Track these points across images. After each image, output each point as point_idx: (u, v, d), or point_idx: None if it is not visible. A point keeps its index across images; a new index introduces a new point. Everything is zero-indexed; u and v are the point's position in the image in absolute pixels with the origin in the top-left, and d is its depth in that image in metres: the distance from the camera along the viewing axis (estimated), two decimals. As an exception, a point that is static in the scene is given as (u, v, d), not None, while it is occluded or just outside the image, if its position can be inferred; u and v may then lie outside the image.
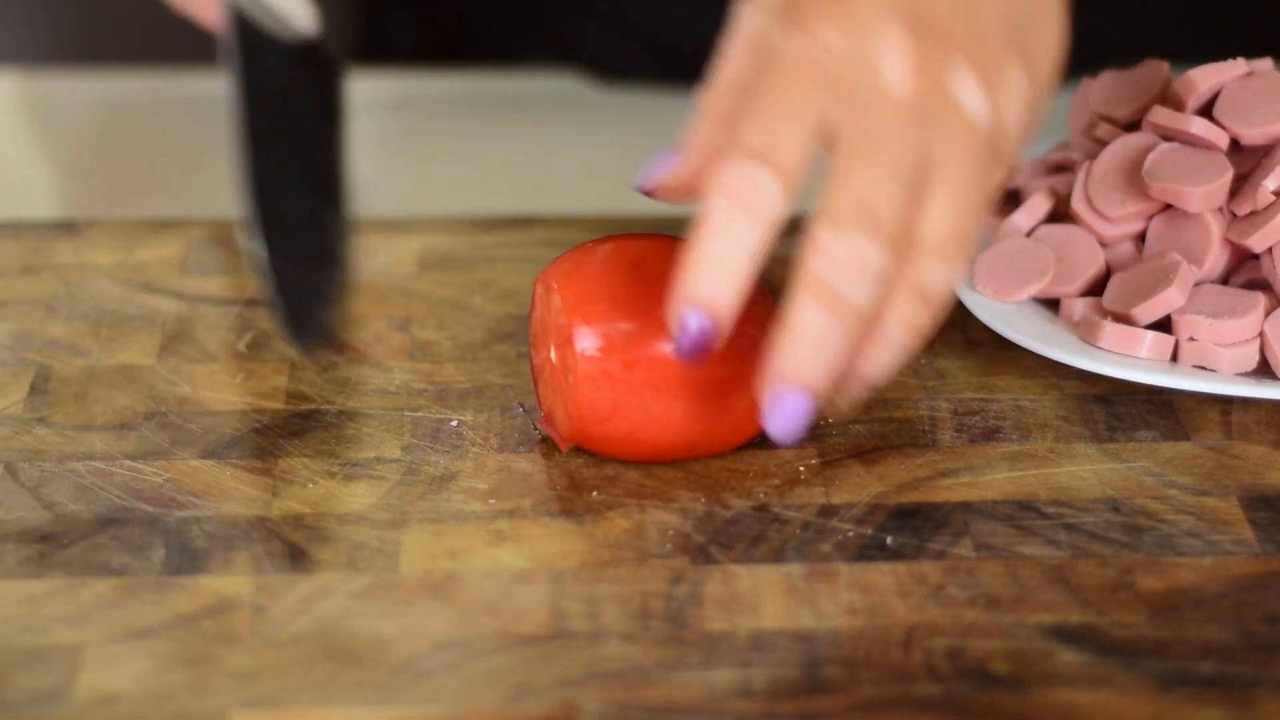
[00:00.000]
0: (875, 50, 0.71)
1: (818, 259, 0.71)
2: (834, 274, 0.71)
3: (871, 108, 0.71)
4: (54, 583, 0.74)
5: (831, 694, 0.70)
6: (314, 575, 0.75)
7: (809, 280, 0.71)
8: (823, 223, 0.71)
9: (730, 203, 0.71)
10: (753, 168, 0.71)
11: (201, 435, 0.82)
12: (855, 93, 0.71)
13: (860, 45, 0.71)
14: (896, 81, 0.71)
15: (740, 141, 0.71)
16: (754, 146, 0.71)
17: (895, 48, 0.71)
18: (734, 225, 0.71)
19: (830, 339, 0.72)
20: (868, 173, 0.71)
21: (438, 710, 0.69)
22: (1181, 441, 0.82)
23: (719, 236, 0.71)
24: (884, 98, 0.71)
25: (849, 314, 0.72)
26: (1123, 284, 0.85)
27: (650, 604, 0.74)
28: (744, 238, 0.71)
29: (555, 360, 0.80)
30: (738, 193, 0.71)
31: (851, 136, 0.71)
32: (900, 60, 0.71)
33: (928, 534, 0.77)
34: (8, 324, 0.90)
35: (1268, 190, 0.84)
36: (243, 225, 0.84)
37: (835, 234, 0.71)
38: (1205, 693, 0.70)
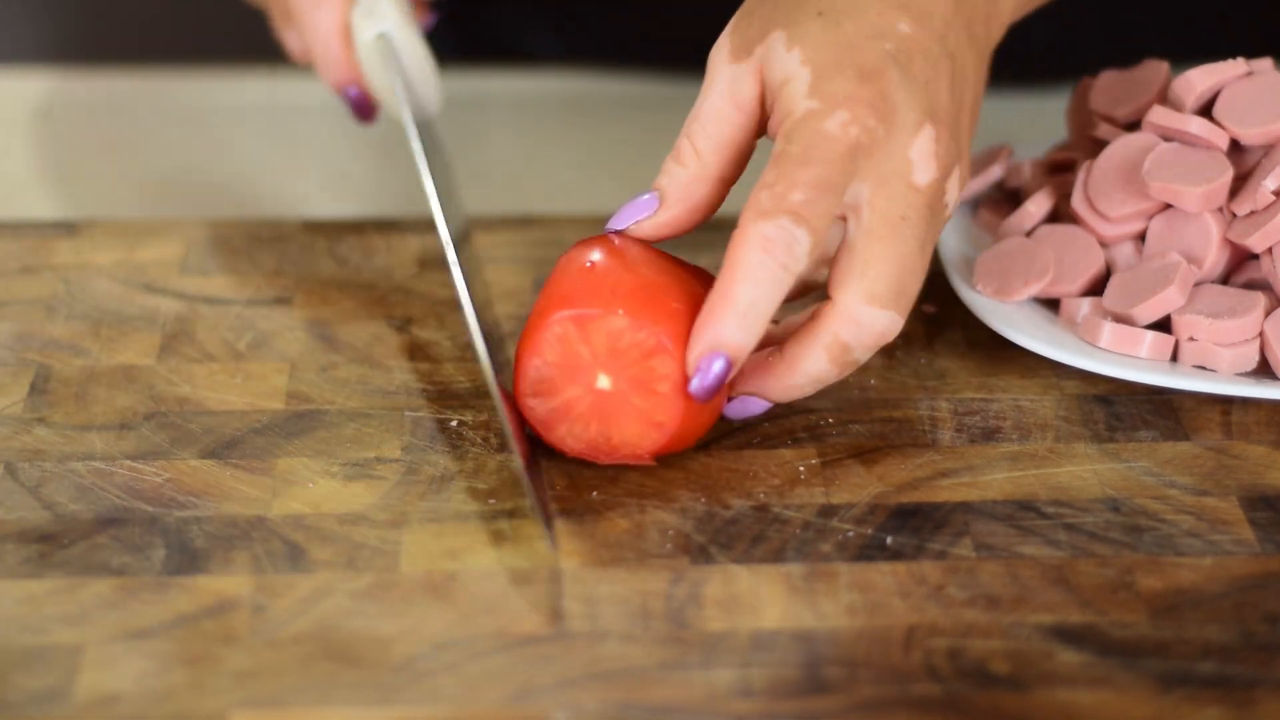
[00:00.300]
0: (909, 146, 0.78)
1: (845, 325, 0.78)
2: (857, 338, 0.78)
3: (901, 196, 0.78)
4: (54, 583, 0.74)
5: (831, 694, 0.70)
6: (314, 575, 0.75)
7: (830, 339, 0.78)
8: (859, 294, 0.77)
9: (769, 255, 0.76)
10: (793, 226, 0.76)
11: (201, 435, 0.82)
12: (888, 180, 0.77)
13: (898, 138, 0.77)
14: (923, 175, 0.78)
15: (784, 199, 0.76)
16: (796, 208, 0.76)
17: (925, 146, 0.78)
18: (768, 276, 0.76)
19: (824, 381, 0.80)
20: (904, 254, 0.78)
21: (438, 710, 0.69)
22: (1181, 441, 0.82)
23: (754, 284, 0.76)
24: (911, 189, 0.78)
25: (848, 367, 0.79)
26: (1123, 284, 0.85)
27: (650, 604, 0.74)
28: (774, 289, 0.76)
29: (610, 387, 0.79)
30: (777, 246, 0.76)
31: (881, 217, 0.77)
32: (928, 158, 0.78)
33: (928, 534, 0.77)
34: (8, 324, 0.90)
35: (1268, 190, 0.84)
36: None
37: (867, 309, 0.78)
38: (1205, 693, 0.70)
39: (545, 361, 0.78)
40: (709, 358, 0.76)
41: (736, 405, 0.81)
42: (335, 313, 0.91)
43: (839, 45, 0.78)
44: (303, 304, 0.92)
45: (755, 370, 0.80)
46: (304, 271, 0.95)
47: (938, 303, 0.91)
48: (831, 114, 0.77)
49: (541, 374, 0.78)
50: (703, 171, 0.79)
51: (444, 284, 0.93)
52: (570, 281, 0.79)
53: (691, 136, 0.80)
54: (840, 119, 0.77)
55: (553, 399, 0.79)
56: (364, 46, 0.92)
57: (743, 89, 0.79)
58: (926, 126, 0.78)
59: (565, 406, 0.79)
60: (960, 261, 0.90)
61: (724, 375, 0.77)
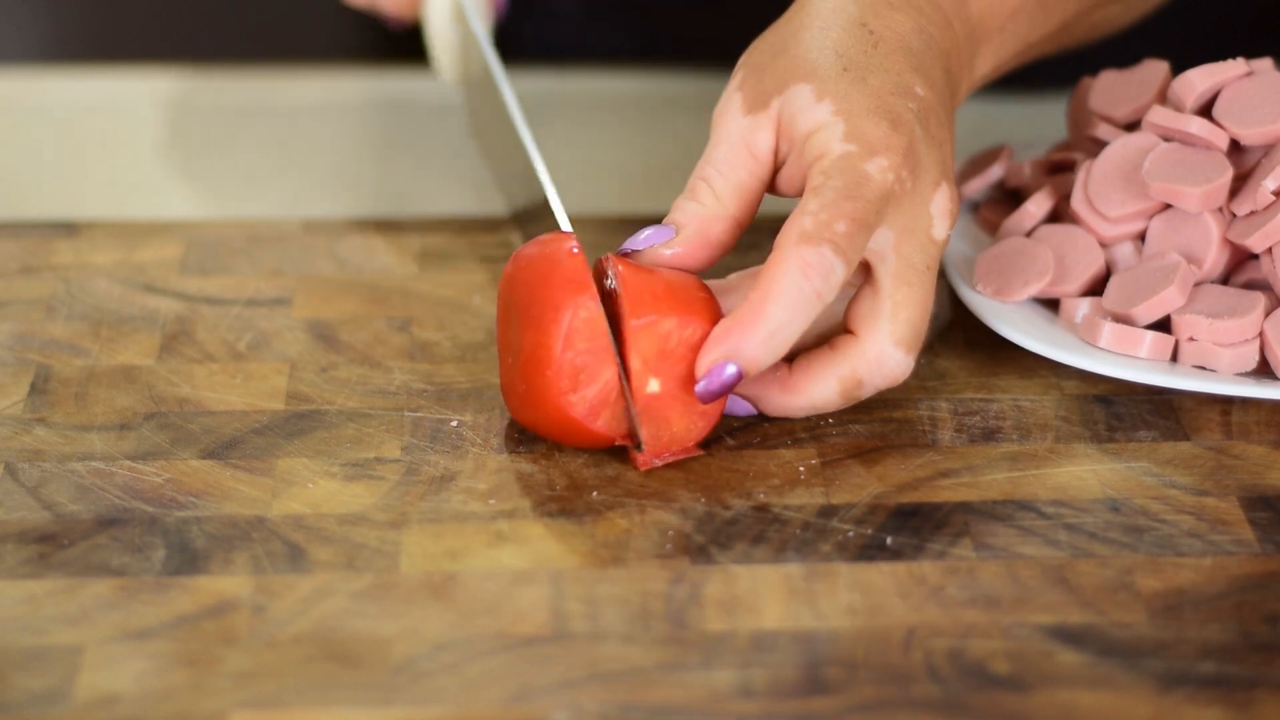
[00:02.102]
0: (930, 202, 0.81)
1: (866, 365, 0.80)
2: (873, 377, 0.81)
3: (922, 248, 0.80)
4: (54, 583, 0.74)
5: (831, 694, 0.70)
6: (314, 575, 0.75)
7: (851, 380, 0.81)
8: (886, 336, 0.80)
9: (807, 279, 0.77)
10: (834, 256, 0.78)
11: (201, 435, 0.82)
12: (914, 231, 0.80)
13: (922, 192, 0.80)
14: (940, 231, 0.81)
15: (828, 228, 0.78)
16: (838, 239, 0.78)
17: (942, 204, 0.81)
18: (802, 300, 0.77)
19: (824, 409, 0.82)
20: (921, 303, 0.80)
21: (438, 711, 0.69)
22: (1181, 441, 0.82)
23: (788, 305, 0.77)
24: (931, 242, 0.80)
25: (856, 400, 0.81)
26: (1123, 284, 0.85)
27: (650, 604, 0.74)
28: (805, 313, 0.78)
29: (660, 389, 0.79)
30: (816, 272, 0.77)
31: (908, 264, 0.80)
32: (944, 215, 0.81)
33: (928, 534, 0.77)
34: (8, 324, 0.90)
35: (1268, 190, 0.84)
36: None
37: (892, 351, 0.80)
38: (1205, 693, 0.70)
39: (578, 351, 0.78)
40: (722, 364, 0.77)
41: (728, 408, 0.82)
42: (335, 313, 0.91)
43: (868, 98, 0.81)
44: (303, 304, 0.92)
45: (760, 380, 0.81)
46: (304, 271, 0.95)
47: (938, 303, 0.91)
48: (871, 158, 0.79)
49: (576, 364, 0.78)
50: (720, 211, 0.81)
51: (444, 284, 0.93)
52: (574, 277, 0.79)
53: (707, 179, 0.82)
54: (880, 164, 0.79)
55: (591, 386, 0.79)
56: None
57: (758, 139, 0.81)
58: (943, 185, 0.81)
59: (604, 392, 0.79)
60: (960, 261, 0.89)
61: (732, 384, 0.78)
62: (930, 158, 0.81)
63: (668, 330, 0.79)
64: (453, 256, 0.96)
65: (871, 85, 0.81)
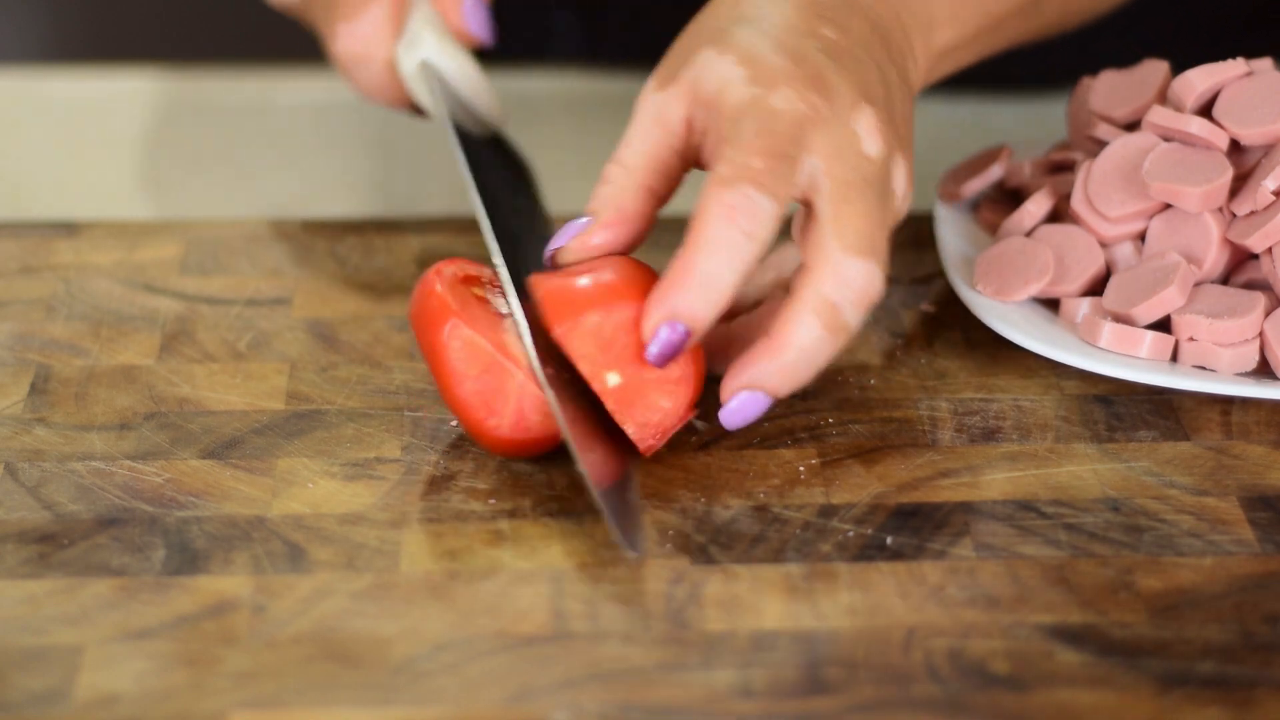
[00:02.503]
0: (854, 121, 0.79)
1: (834, 282, 0.77)
2: (845, 296, 0.77)
3: (856, 165, 0.79)
4: (54, 583, 0.74)
5: (831, 694, 0.70)
6: (314, 575, 0.75)
7: (818, 303, 0.77)
8: (839, 250, 0.77)
9: (732, 223, 0.76)
10: (756, 193, 0.76)
11: (201, 435, 0.82)
12: (841, 151, 0.78)
13: (840, 113, 0.79)
14: (872, 147, 0.79)
15: (745, 168, 0.77)
16: (757, 175, 0.77)
17: (869, 122, 0.79)
18: (731, 244, 0.76)
19: (821, 358, 0.78)
20: (871, 213, 0.78)
21: (438, 711, 0.69)
22: (1181, 441, 0.82)
23: (715, 253, 0.76)
24: (864, 158, 0.79)
25: (844, 335, 0.78)
26: (1123, 284, 0.85)
27: (650, 604, 0.74)
28: (738, 258, 0.76)
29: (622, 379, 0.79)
30: (740, 214, 0.76)
31: (842, 183, 0.78)
32: (872, 133, 0.79)
33: (928, 534, 0.77)
34: (8, 324, 0.90)
35: (1268, 190, 0.84)
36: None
37: (852, 261, 0.77)
38: (1205, 693, 0.70)
39: (473, 379, 0.79)
40: (666, 325, 0.76)
41: (734, 411, 0.78)
42: (335, 313, 0.91)
43: (769, 41, 0.80)
44: (303, 304, 0.92)
45: (746, 361, 0.78)
46: (304, 271, 0.95)
47: (938, 303, 0.91)
48: (775, 92, 0.78)
49: (479, 392, 0.79)
50: (629, 182, 0.80)
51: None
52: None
53: (617, 159, 0.81)
54: (785, 94, 0.78)
55: (505, 404, 0.79)
56: (409, 77, 0.93)
57: (668, 111, 0.80)
58: (864, 105, 0.79)
59: (518, 404, 0.79)
60: (960, 261, 0.89)
61: (681, 341, 0.76)
62: (845, 82, 0.79)
63: (596, 324, 0.77)
64: (452, 256, 0.95)
65: (772, 33, 0.80)
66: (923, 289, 0.92)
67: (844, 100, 0.79)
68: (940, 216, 0.93)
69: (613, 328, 0.77)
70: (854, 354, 0.87)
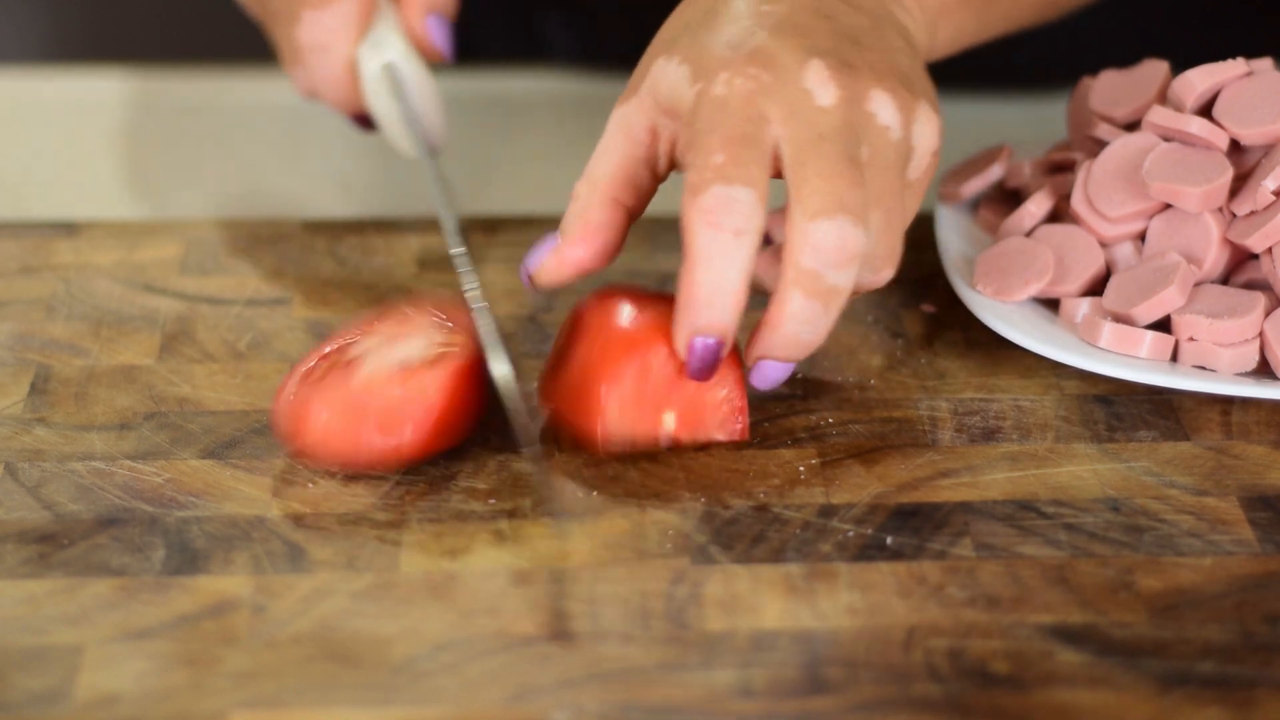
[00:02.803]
0: (802, 79, 0.78)
1: (805, 250, 0.77)
2: (820, 260, 0.77)
3: (810, 122, 0.78)
4: (54, 583, 0.74)
5: (831, 694, 0.70)
6: (314, 575, 0.75)
7: (796, 274, 0.77)
8: (803, 218, 0.77)
9: (715, 228, 0.76)
10: (726, 188, 0.76)
11: (201, 435, 0.82)
12: (794, 111, 0.78)
13: (787, 77, 0.78)
14: (825, 97, 0.78)
15: (707, 168, 0.77)
16: (720, 169, 0.77)
17: (818, 74, 0.79)
18: (721, 249, 0.76)
19: (820, 327, 0.78)
20: (831, 167, 0.77)
21: (438, 710, 0.69)
22: (1181, 441, 0.82)
23: (709, 261, 0.77)
24: (821, 111, 0.78)
25: (835, 299, 0.78)
26: (1123, 284, 0.85)
27: (650, 604, 0.74)
28: (732, 260, 0.77)
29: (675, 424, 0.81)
30: (718, 214, 0.76)
31: (798, 144, 0.78)
32: (824, 83, 0.78)
33: (928, 534, 0.77)
34: (8, 324, 0.90)
35: (1268, 190, 0.84)
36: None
37: (817, 224, 0.77)
38: (1205, 693, 0.70)
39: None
40: (692, 341, 0.77)
41: (757, 375, 0.80)
42: (335, 313, 0.91)
43: (712, 36, 0.80)
44: (303, 304, 0.92)
45: (755, 339, 0.80)
46: (304, 271, 0.95)
47: (938, 303, 0.91)
48: (714, 80, 0.78)
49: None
50: (595, 195, 0.81)
51: (444, 284, 0.93)
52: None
53: (585, 172, 0.82)
54: (723, 79, 0.78)
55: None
56: (369, 78, 0.92)
57: (632, 122, 0.81)
58: (811, 59, 0.79)
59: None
60: (960, 261, 0.90)
61: (715, 351, 0.77)
62: (785, 47, 0.79)
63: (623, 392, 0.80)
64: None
65: (712, 28, 0.81)
66: (923, 289, 0.92)
67: (787, 62, 0.79)
68: (940, 216, 0.93)
69: (632, 383, 0.80)
70: (854, 354, 0.87)
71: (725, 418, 0.81)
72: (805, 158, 0.77)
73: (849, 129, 0.78)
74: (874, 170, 0.78)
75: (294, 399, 0.79)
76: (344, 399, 0.78)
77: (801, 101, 0.78)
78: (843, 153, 0.77)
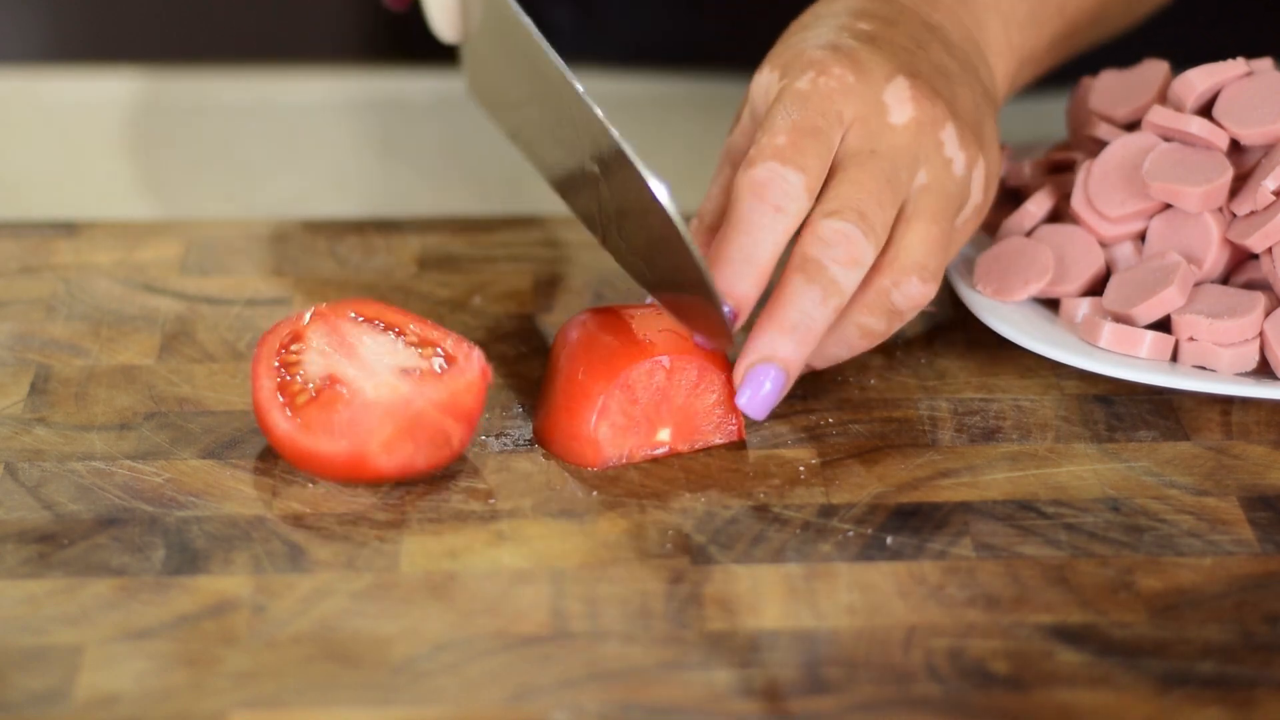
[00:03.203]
0: (883, 91, 0.81)
1: (811, 241, 0.79)
2: (824, 253, 0.78)
3: (877, 135, 0.80)
4: (54, 583, 0.74)
5: (831, 694, 0.70)
6: (314, 575, 0.75)
7: (800, 261, 0.79)
8: (818, 214, 0.79)
9: (759, 199, 0.78)
10: (780, 167, 0.78)
11: (201, 435, 0.82)
12: (866, 121, 0.81)
13: (870, 85, 0.81)
14: (900, 115, 0.81)
15: (768, 146, 0.79)
16: (780, 150, 0.79)
17: (900, 91, 0.81)
18: (760, 220, 0.78)
19: (815, 320, 0.79)
20: (864, 181, 0.79)
21: (438, 710, 0.69)
22: (1181, 441, 0.82)
23: (746, 228, 0.78)
24: (888, 128, 0.80)
25: (833, 293, 0.79)
26: (1123, 284, 0.85)
27: (650, 604, 0.74)
28: (769, 233, 0.78)
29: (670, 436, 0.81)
30: (766, 189, 0.78)
31: (849, 154, 0.80)
32: (903, 101, 0.81)
33: (928, 534, 0.77)
34: (8, 324, 0.90)
35: (1268, 190, 0.84)
36: None
37: (828, 221, 0.79)
38: (1205, 693, 0.70)
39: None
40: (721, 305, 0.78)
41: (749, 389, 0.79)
42: (335, 313, 0.91)
43: (801, 42, 0.83)
44: (303, 304, 0.92)
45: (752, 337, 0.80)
46: (304, 271, 0.95)
47: (937, 303, 0.91)
48: (801, 76, 0.81)
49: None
50: (708, 217, 0.85)
51: (444, 284, 0.93)
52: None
53: (698, 212, 0.85)
54: (809, 77, 0.80)
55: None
56: None
57: (735, 145, 0.85)
58: (899, 76, 0.81)
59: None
60: (960, 261, 0.89)
61: (731, 318, 0.78)
62: (879, 58, 0.81)
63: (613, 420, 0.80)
64: (452, 256, 0.96)
65: (806, 35, 0.83)
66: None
67: (873, 71, 0.81)
68: (940, 216, 0.93)
69: (621, 403, 0.80)
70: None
71: (719, 421, 0.81)
72: (848, 165, 0.80)
73: (909, 152, 0.81)
74: (931, 195, 0.81)
75: (305, 431, 0.78)
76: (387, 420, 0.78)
77: (875, 113, 0.81)
78: (884, 172, 0.80)
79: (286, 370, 0.79)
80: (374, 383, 0.78)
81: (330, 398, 0.78)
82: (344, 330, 0.81)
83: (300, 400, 0.78)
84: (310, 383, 0.79)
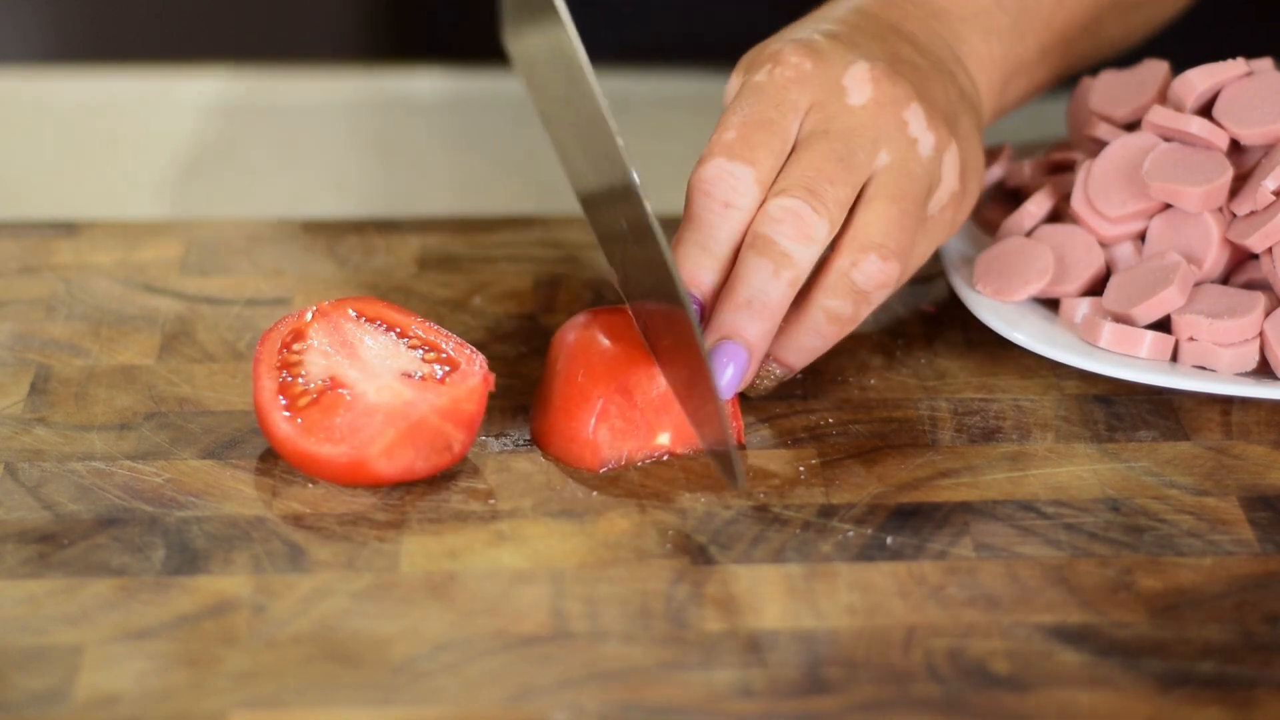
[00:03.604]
0: (842, 76, 0.81)
1: (761, 220, 0.79)
2: (773, 229, 0.79)
3: (833, 116, 0.80)
4: (54, 583, 0.74)
5: (831, 694, 0.70)
6: (314, 575, 0.75)
7: (751, 239, 0.79)
8: (770, 196, 0.80)
9: (708, 196, 0.79)
10: (728, 163, 0.79)
11: (201, 435, 0.82)
12: (824, 105, 0.81)
13: (829, 71, 0.81)
14: (858, 97, 0.81)
15: (717, 143, 0.80)
16: (728, 146, 0.79)
17: (859, 73, 0.81)
18: (709, 217, 0.79)
19: (770, 294, 0.79)
20: (814, 160, 0.80)
21: (438, 710, 0.69)
22: (1181, 441, 0.82)
23: (699, 228, 0.79)
24: (845, 109, 0.81)
25: (785, 265, 0.79)
26: (1123, 284, 0.85)
27: (650, 604, 0.74)
28: (716, 224, 0.79)
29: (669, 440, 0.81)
30: (713, 185, 0.79)
31: (809, 138, 0.80)
32: (862, 83, 0.81)
33: (928, 534, 0.77)
34: (8, 324, 0.90)
35: (1268, 190, 0.84)
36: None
37: (776, 199, 0.79)
38: (1205, 693, 0.70)
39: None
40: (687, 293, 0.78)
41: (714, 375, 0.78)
42: (335, 313, 0.91)
43: (770, 41, 0.84)
44: (303, 304, 0.91)
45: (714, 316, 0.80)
46: (304, 271, 0.95)
47: (937, 303, 0.91)
48: (759, 70, 0.81)
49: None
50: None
51: (444, 284, 0.93)
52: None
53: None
54: (766, 69, 0.81)
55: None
56: None
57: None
58: (860, 61, 0.81)
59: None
60: (960, 261, 0.89)
61: (698, 311, 0.79)
62: (839, 48, 0.81)
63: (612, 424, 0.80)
64: (452, 256, 0.96)
65: (777, 36, 0.84)
66: (923, 289, 0.92)
67: (835, 60, 0.81)
68: (940, 216, 0.93)
69: (619, 412, 0.80)
70: (854, 354, 0.87)
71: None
72: (800, 148, 0.80)
73: (868, 132, 0.80)
74: (892, 174, 0.80)
75: (306, 434, 0.78)
76: (388, 425, 0.78)
77: (832, 96, 0.81)
78: (835, 151, 0.80)
79: (288, 371, 0.79)
80: (376, 386, 0.78)
81: (331, 401, 0.78)
82: (346, 330, 0.81)
83: (301, 402, 0.78)
84: (311, 384, 0.79)
